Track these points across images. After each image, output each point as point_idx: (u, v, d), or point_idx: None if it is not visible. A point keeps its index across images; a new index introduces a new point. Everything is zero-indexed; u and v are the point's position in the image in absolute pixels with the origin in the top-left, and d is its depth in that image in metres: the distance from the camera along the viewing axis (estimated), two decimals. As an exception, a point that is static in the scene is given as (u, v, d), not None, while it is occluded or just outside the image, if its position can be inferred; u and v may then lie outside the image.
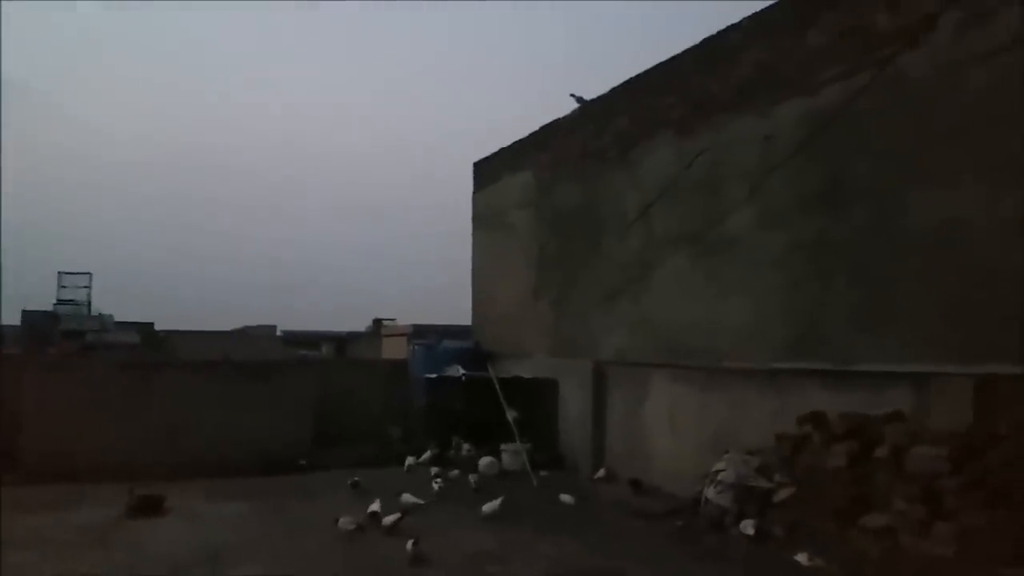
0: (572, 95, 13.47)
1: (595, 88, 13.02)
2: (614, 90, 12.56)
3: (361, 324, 41.85)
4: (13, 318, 28.51)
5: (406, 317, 30.44)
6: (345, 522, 8.04)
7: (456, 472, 11.42)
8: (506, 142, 15.87)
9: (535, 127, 14.78)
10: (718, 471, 8.44)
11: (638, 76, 11.94)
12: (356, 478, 10.39)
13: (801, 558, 6.95)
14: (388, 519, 8.23)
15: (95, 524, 8.48)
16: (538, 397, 13.11)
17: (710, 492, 8.39)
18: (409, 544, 7.28)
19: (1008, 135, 6.78)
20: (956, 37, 7.21)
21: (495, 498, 9.11)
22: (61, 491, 9.78)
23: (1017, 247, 6.66)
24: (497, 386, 13.12)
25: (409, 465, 11.89)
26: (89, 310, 32.29)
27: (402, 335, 24.00)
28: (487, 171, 16.73)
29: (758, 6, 9.59)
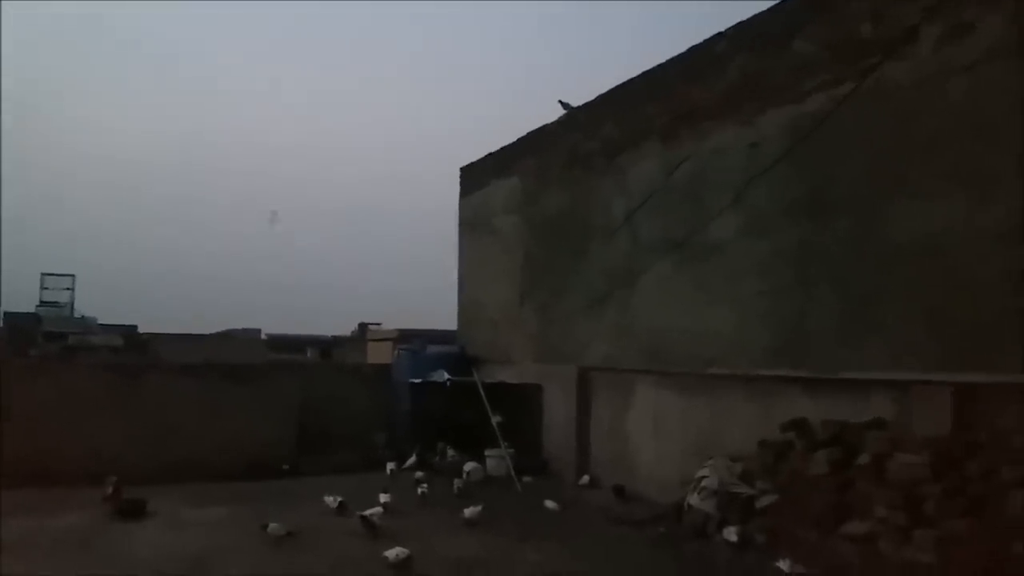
0: (560, 102, 13.53)
1: (583, 94, 13.08)
2: (601, 97, 12.59)
3: (347, 328, 41.78)
4: (-6, 320, 28.30)
5: (392, 321, 30.26)
6: (275, 528, 8.07)
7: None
8: (493, 146, 15.87)
9: (523, 132, 14.81)
10: (701, 477, 8.48)
11: (624, 83, 11.98)
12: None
13: (783, 565, 6.96)
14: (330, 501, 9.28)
15: (77, 528, 8.42)
16: (523, 403, 13.11)
17: (693, 498, 8.41)
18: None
19: (988, 146, 6.87)
20: (937, 49, 7.30)
21: (478, 503, 9.14)
22: (43, 495, 9.68)
23: (997, 257, 6.74)
24: (482, 391, 13.11)
25: (391, 470, 11.84)
26: (72, 312, 31.96)
27: (387, 340, 23.90)
28: (474, 176, 16.71)
29: (744, 13, 9.69)
